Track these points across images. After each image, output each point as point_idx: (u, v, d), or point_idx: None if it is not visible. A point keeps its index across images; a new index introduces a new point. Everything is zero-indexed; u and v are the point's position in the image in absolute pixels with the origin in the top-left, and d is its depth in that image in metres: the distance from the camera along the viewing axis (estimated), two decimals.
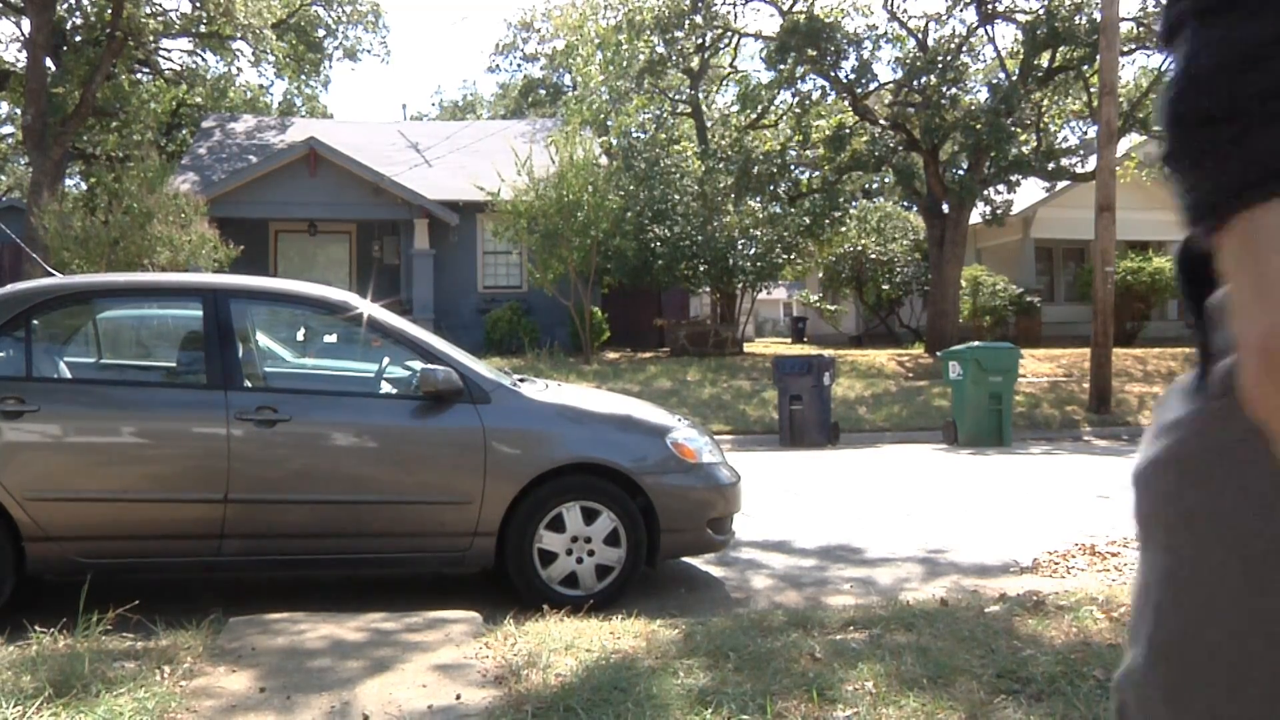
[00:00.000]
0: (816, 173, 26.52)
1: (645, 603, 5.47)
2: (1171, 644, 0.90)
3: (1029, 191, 26.61)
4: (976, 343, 16.63)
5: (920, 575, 6.39)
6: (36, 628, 4.27)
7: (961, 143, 22.42)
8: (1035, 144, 23.14)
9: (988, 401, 14.41)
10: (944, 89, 22.21)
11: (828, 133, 24.07)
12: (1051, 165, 22.46)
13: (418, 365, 5.68)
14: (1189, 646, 0.88)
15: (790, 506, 9.02)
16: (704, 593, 6.06)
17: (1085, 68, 22.29)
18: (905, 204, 34.67)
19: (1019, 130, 22.14)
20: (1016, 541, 7.33)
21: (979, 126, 21.15)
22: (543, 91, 49.24)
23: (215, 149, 27.86)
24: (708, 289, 26.69)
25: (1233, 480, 0.86)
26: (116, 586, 5.45)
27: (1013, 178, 22.58)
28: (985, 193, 23.00)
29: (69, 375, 5.82)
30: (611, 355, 22.61)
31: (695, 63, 29.14)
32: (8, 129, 39.72)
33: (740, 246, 23.65)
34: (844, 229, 27.35)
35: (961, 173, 23.35)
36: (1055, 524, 8.00)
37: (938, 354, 16.95)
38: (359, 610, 4.92)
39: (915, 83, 22.68)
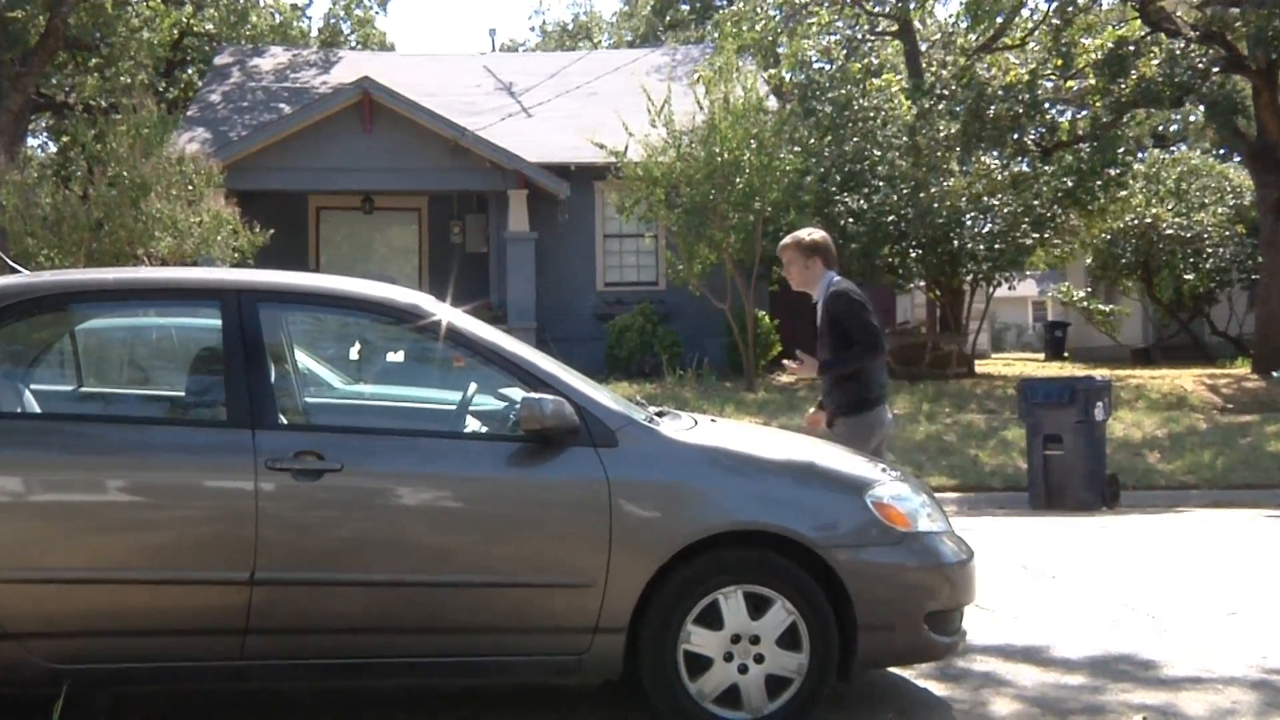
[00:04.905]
0: (1084, 112, 26.05)
1: None
2: None
3: None
4: None
5: (1255, 706, 6.18)
6: None
7: None
8: None
9: None
10: None
11: (1102, 53, 23.61)
12: None
13: (516, 393, 5.77)
14: None
15: (1046, 596, 8.85)
16: (923, 719, 6.00)
17: None
18: (1221, 152, 33.78)
19: None
20: None
21: None
22: (685, 7, 49.59)
23: (233, 95, 28.81)
24: (922, 284, 26.40)
25: None
26: (103, 702, 5.62)
27: None
28: None
29: (37, 409, 6.02)
30: (784, 378, 22.57)
31: None
32: None
33: (970, 222, 23.36)
34: (1125, 193, 26.78)
35: None
36: None
37: (1273, 374, 16.48)
38: None
39: None
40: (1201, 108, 24.04)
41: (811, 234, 8.12)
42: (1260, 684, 6.58)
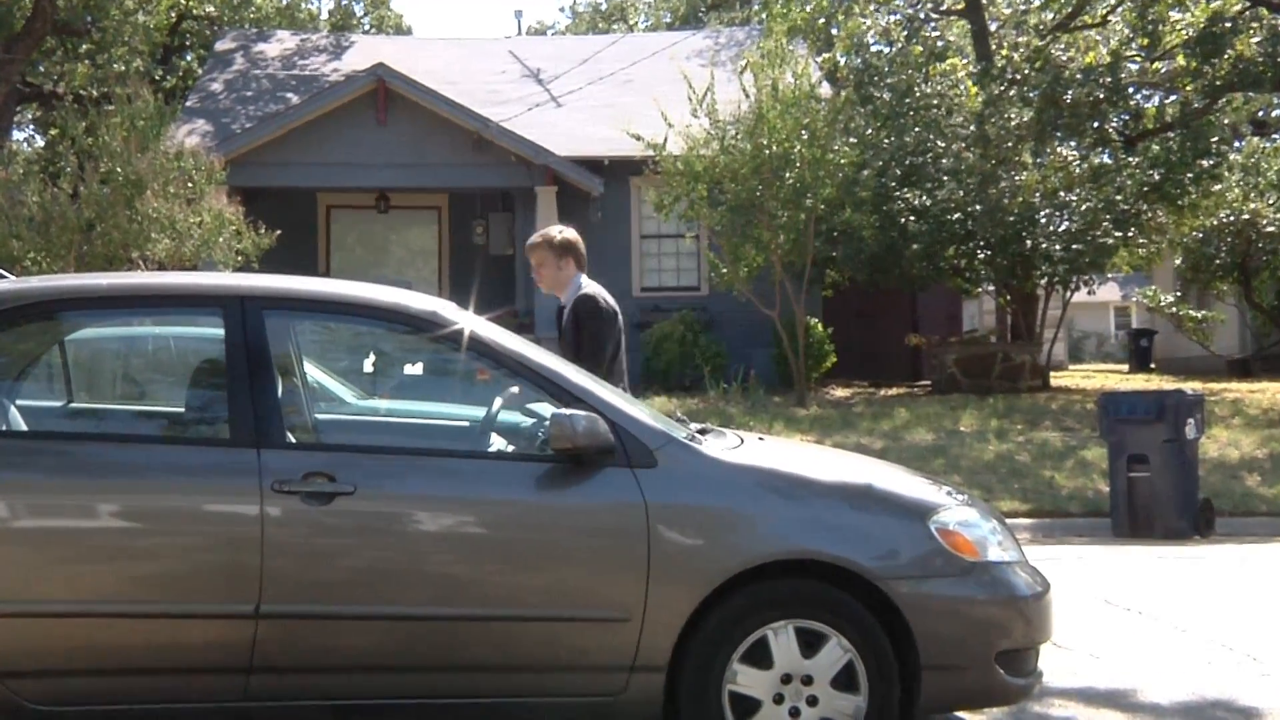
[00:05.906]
0: (1173, 97, 25.92)
1: None
2: None
3: None
4: None
5: None
6: None
7: None
8: None
9: None
10: None
11: (1194, 30, 23.48)
12: None
13: (545, 409, 5.78)
14: None
15: (1132, 634, 8.80)
16: None
17: None
18: None
19: None
20: None
21: None
22: None
23: (237, 83, 28.97)
24: (991, 288, 26.33)
25: None
26: None
27: None
28: None
29: (23, 426, 6.06)
30: (839, 392, 22.54)
31: None
32: None
33: (1044, 219, 23.25)
34: (1219, 186, 26.63)
35: None
36: None
37: None
38: None
39: None
40: None
41: (563, 232, 8.46)
42: None
